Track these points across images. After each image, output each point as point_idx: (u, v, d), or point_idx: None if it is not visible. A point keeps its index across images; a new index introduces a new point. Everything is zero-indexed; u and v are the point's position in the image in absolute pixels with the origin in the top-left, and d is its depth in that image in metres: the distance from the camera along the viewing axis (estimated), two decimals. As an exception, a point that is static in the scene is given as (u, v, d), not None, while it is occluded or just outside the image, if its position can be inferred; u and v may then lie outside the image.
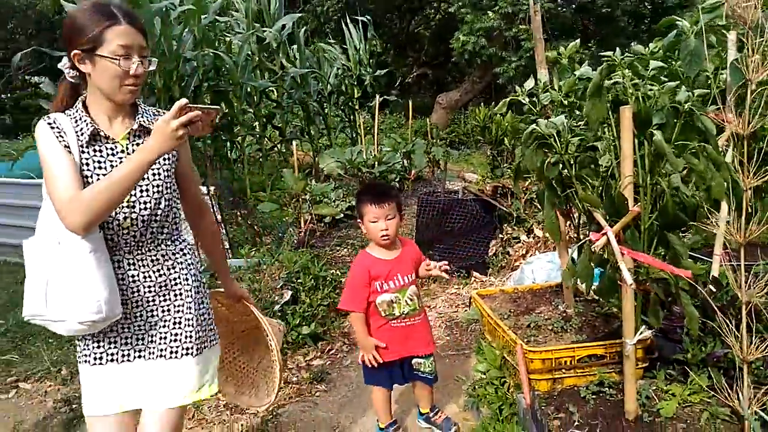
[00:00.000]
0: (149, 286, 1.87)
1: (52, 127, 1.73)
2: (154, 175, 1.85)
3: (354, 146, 8.85)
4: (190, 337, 1.92)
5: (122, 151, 1.81)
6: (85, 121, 1.77)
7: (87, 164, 1.75)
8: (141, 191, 1.82)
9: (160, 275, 1.88)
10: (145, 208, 1.82)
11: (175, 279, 1.91)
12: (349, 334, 4.33)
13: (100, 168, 1.77)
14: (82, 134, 1.75)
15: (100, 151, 1.78)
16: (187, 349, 1.92)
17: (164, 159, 1.87)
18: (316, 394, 3.59)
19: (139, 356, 1.89)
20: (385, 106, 15.35)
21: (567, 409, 2.33)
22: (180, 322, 1.91)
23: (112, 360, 1.86)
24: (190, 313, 1.92)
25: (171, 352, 1.90)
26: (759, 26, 1.90)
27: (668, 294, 2.22)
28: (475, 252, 5.36)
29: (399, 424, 2.99)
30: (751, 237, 1.93)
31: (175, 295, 1.91)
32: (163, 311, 1.90)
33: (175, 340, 1.91)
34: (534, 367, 2.54)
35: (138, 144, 1.83)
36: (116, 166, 1.76)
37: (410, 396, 3.20)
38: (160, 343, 1.91)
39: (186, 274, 1.93)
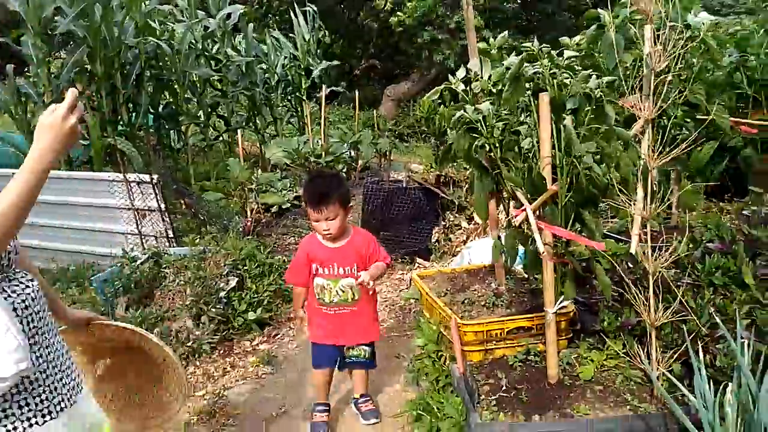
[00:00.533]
0: (37, 311, 1.51)
1: None
2: None
3: (301, 136, 8.88)
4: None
5: None
6: None
7: None
8: None
9: (38, 294, 1.54)
10: None
11: (43, 296, 1.57)
12: (295, 319, 4.41)
13: None
14: None
15: None
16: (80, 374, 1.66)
17: None
18: (262, 377, 3.67)
19: (69, 398, 1.55)
20: (334, 97, 15.38)
21: (496, 375, 2.50)
22: (67, 349, 1.62)
23: (55, 413, 1.50)
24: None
25: (79, 384, 1.62)
26: (662, 19, 2.08)
27: (586, 268, 2.41)
28: (419, 239, 5.52)
29: (328, 408, 3.05)
30: (653, 214, 2.12)
31: (51, 315, 1.59)
32: (57, 338, 1.58)
33: (76, 369, 1.64)
34: (467, 339, 2.70)
35: None
36: None
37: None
38: (73, 377, 1.60)
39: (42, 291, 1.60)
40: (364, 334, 2.86)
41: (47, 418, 1.48)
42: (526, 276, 3.28)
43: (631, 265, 2.82)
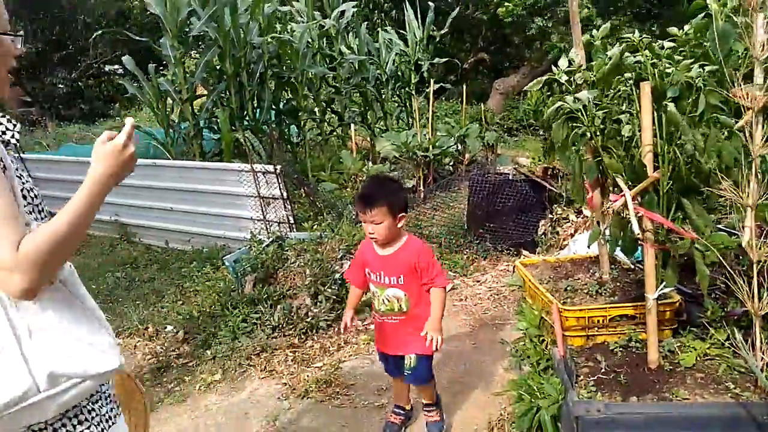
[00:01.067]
0: None
1: None
2: None
3: (410, 130, 9.14)
4: None
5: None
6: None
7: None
8: None
9: None
10: None
11: None
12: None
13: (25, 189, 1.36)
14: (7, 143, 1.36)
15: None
16: None
17: None
18: (372, 353, 3.95)
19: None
20: (442, 92, 15.54)
21: (596, 359, 2.59)
22: None
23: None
24: None
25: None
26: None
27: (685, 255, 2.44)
28: (525, 231, 5.59)
29: (403, 412, 3.07)
30: (757, 203, 2.14)
31: None
32: None
33: None
34: (569, 325, 2.80)
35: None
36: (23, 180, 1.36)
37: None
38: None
39: None
40: (407, 345, 2.74)
41: (112, 421, 1.50)
42: (632, 266, 3.31)
43: (740, 256, 2.80)
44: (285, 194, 5.45)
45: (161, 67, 10.98)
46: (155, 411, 3.42)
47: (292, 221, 5.48)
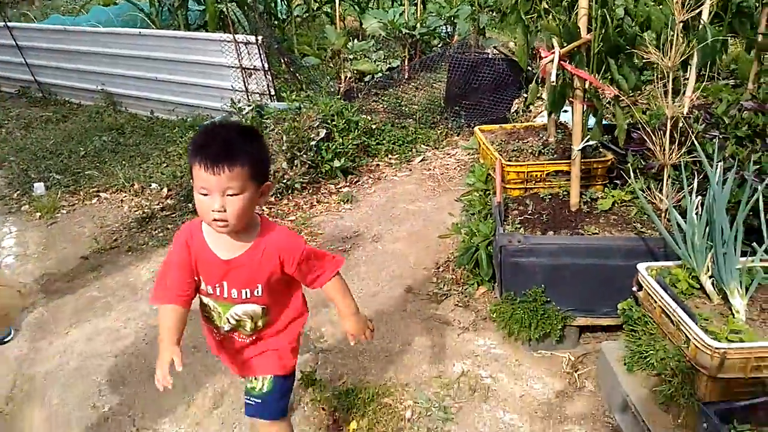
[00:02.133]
0: None
1: None
2: None
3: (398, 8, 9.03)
4: None
5: None
6: None
7: None
8: None
9: None
10: None
11: None
12: (375, 171, 4.98)
13: None
14: None
15: None
16: None
17: None
18: (342, 211, 4.31)
19: None
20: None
21: (526, 204, 2.92)
22: None
23: None
24: None
25: None
26: None
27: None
28: (499, 109, 5.79)
29: None
30: (675, 62, 2.36)
31: None
32: None
33: None
34: (510, 178, 3.11)
35: None
36: None
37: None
38: None
39: None
40: (260, 366, 1.88)
41: None
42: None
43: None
44: (266, 66, 5.58)
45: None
46: (140, 251, 3.81)
47: (272, 92, 5.66)
